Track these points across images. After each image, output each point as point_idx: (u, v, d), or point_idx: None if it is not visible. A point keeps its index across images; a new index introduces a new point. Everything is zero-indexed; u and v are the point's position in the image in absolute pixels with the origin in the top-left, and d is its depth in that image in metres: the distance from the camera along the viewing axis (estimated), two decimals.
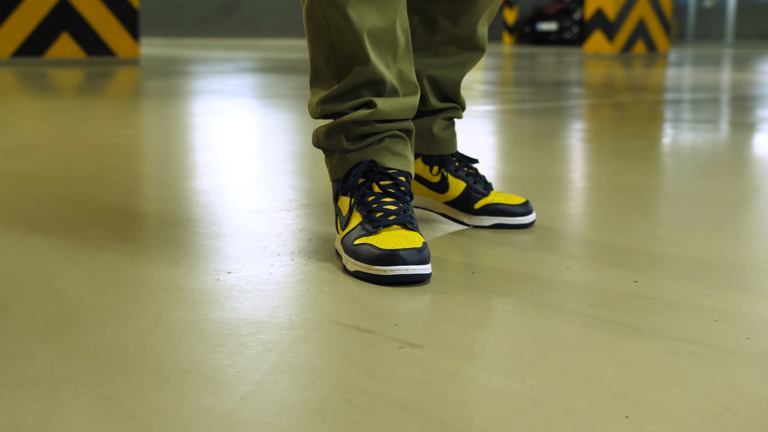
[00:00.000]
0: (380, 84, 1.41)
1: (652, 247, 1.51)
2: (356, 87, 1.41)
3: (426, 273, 1.28)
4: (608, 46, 11.64)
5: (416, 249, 1.28)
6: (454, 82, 1.64)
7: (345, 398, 0.88)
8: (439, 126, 1.66)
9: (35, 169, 2.22)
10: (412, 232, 1.34)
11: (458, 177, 1.66)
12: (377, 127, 1.42)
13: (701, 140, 3.03)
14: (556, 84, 6.11)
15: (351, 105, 1.41)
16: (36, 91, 4.85)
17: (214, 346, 1.01)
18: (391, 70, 1.43)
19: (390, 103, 1.41)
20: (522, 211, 1.64)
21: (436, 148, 1.66)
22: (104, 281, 1.26)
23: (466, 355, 1.00)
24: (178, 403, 0.86)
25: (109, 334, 1.05)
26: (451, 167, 1.66)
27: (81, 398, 0.86)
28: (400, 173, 1.43)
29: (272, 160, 2.52)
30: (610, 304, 1.19)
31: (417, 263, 1.27)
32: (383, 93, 1.41)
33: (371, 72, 1.39)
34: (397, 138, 1.44)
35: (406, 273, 1.27)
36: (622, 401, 0.87)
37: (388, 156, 1.43)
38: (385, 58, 1.41)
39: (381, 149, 1.43)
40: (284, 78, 6.28)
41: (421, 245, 1.30)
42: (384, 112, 1.40)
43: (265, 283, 1.27)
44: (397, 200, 1.39)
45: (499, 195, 1.66)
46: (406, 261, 1.27)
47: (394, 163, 1.43)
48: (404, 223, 1.36)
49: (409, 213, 1.38)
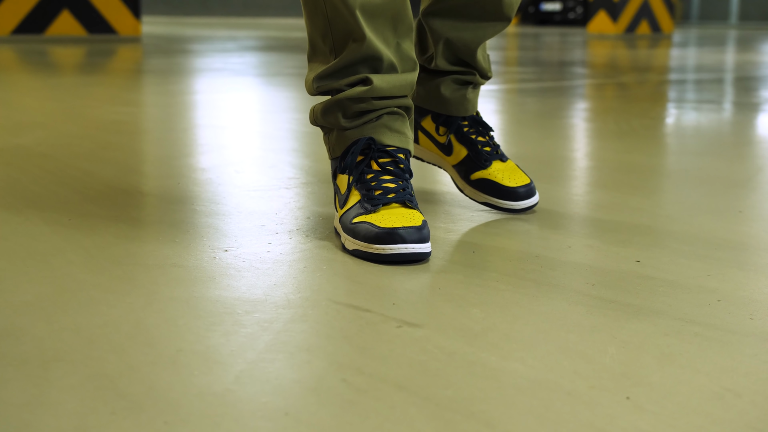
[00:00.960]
0: (377, 60, 1.38)
1: (654, 226, 1.49)
2: (352, 63, 1.38)
3: (425, 252, 1.26)
4: (612, 27, 11.58)
5: (416, 227, 1.27)
6: (468, 46, 1.59)
7: (341, 378, 0.86)
8: (448, 87, 1.62)
9: (32, 146, 2.20)
10: (411, 210, 1.32)
11: (462, 142, 1.63)
12: (374, 104, 1.39)
13: (705, 120, 3.00)
14: (559, 64, 6.07)
15: (347, 82, 1.39)
16: (36, 68, 4.82)
17: (209, 324, 1.00)
18: (390, 45, 1.40)
19: (387, 79, 1.39)
20: (519, 193, 1.55)
21: (444, 108, 1.63)
22: (99, 258, 1.25)
23: (464, 334, 0.98)
24: (171, 382, 0.84)
25: (102, 311, 1.03)
26: (458, 131, 1.63)
27: (71, 377, 0.85)
28: (399, 150, 1.41)
29: (272, 138, 2.50)
30: (611, 284, 1.17)
31: (416, 242, 1.25)
32: (380, 69, 1.39)
33: (367, 48, 1.36)
34: (395, 115, 1.42)
35: (405, 252, 1.25)
36: (623, 382, 0.86)
37: (387, 133, 1.40)
38: (383, 33, 1.38)
39: (379, 126, 1.40)
40: (286, 56, 6.24)
41: (420, 223, 1.28)
42: (381, 89, 1.38)
43: (262, 261, 1.25)
44: (396, 178, 1.37)
45: (503, 170, 1.59)
46: (405, 239, 1.25)
47: (392, 140, 1.40)
48: (403, 201, 1.33)
49: (408, 191, 1.35)
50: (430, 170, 1.99)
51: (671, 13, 12.21)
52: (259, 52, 6.84)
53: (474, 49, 1.59)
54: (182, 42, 8.12)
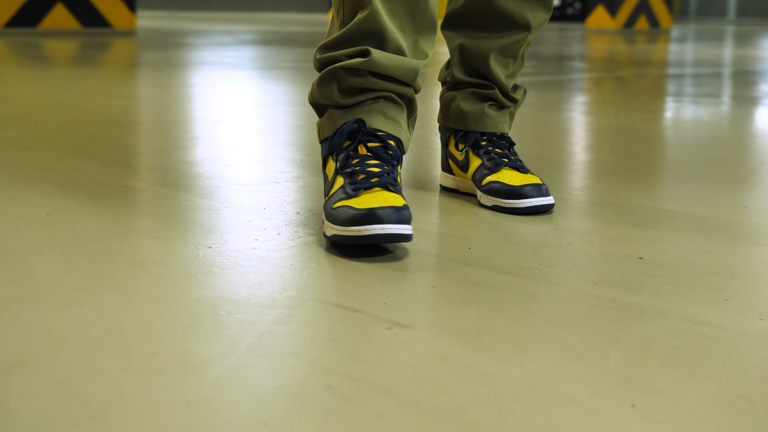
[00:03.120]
0: (382, 38, 1.32)
1: (657, 222, 1.43)
2: (357, 36, 1.33)
3: (405, 233, 1.19)
4: (611, 22, 11.52)
5: (394, 207, 1.19)
6: (481, 51, 1.56)
7: (326, 384, 0.80)
8: (466, 100, 1.59)
9: (17, 139, 2.14)
10: (393, 194, 1.25)
11: (477, 154, 1.57)
12: (372, 81, 1.34)
13: (705, 114, 2.94)
14: (558, 58, 6.01)
15: (347, 52, 1.34)
16: (28, 61, 4.76)
17: (188, 326, 0.94)
18: (407, 35, 1.35)
19: (389, 57, 1.33)
20: (524, 191, 1.45)
21: (462, 123, 1.59)
22: (75, 255, 1.19)
23: (459, 336, 0.93)
24: (142, 389, 0.78)
25: (74, 312, 0.97)
26: (475, 145, 1.58)
27: (34, 384, 0.79)
28: (390, 137, 1.35)
29: (266, 131, 2.44)
30: (614, 282, 1.11)
31: (395, 222, 1.18)
32: (385, 48, 1.33)
33: (372, 19, 1.31)
34: (393, 102, 1.37)
35: (383, 233, 1.17)
36: (627, 388, 0.80)
37: (380, 118, 1.35)
38: (398, 18, 1.34)
39: (373, 110, 1.35)
40: (283, 50, 6.18)
41: (401, 205, 1.21)
42: (379, 63, 1.32)
43: (247, 258, 1.19)
44: (382, 162, 1.31)
45: (515, 175, 1.49)
46: (383, 220, 1.17)
47: (385, 125, 1.35)
48: (386, 185, 1.27)
49: (393, 176, 1.29)
50: (425, 164, 1.93)
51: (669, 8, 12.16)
52: (255, 46, 6.77)
53: (487, 56, 1.56)
54: (178, 36, 8.05)
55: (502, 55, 1.58)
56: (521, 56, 1.61)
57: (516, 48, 1.58)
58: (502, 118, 1.60)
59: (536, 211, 1.46)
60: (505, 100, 1.60)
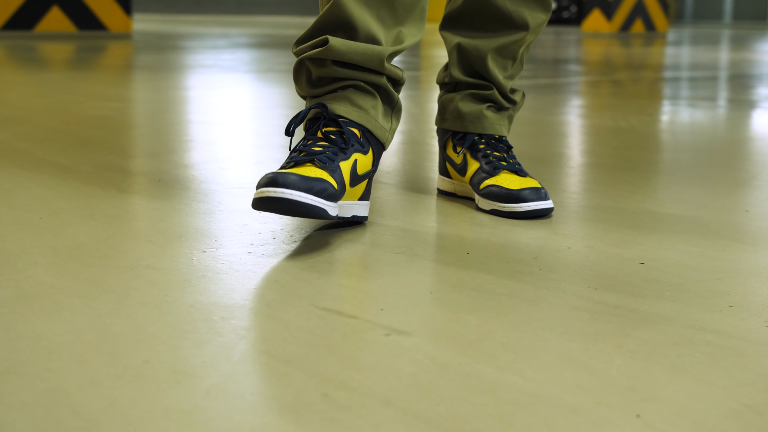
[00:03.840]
0: (351, 28, 1.34)
1: (658, 226, 1.42)
2: (324, 27, 1.35)
3: (305, 202, 1.18)
4: (607, 25, 11.52)
5: (300, 176, 1.19)
6: (479, 50, 1.55)
7: (322, 392, 0.78)
8: (464, 101, 1.58)
9: (9, 141, 2.12)
10: (318, 170, 1.25)
11: (475, 157, 1.55)
12: (336, 70, 1.35)
13: (703, 117, 2.93)
14: (554, 61, 5.99)
15: (310, 43, 1.36)
16: (23, 64, 4.73)
17: (181, 332, 0.92)
18: (387, 26, 1.37)
19: (348, 44, 1.33)
20: (523, 194, 1.43)
21: (460, 124, 1.57)
22: (67, 260, 1.17)
23: (458, 343, 0.91)
24: (134, 397, 0.76)
25: (65, 318, 0.95)
26: (473, 147, 1.56)
27: (23, 392, 0.77)
28: (352, 123, 1.35)
29: (261, 134, 2.42)
30: (615, 288, 1.09)
31: (289, 188, 1.17)
32: (355, 37, 1.34)
33: (337, 9, 1.32)
34: (362, 91, 1.38)
35: (277, 196, 1.17)
36: (631, 397, 0.78)
37: (345, 105, 1.36)
38: (376, 9, 1.35)
39: (339, 97, 1.36)
40: (278, 53, 6.16)
41: (312, 176, 1.21)
42: (338, 51, 1.33)
43: (242, 263, 1.17)
44: (330, 145, 1.31)
45: (514, 179, 1.48)
46: (286, 184, 1.17)
47: (347, 112, 1.35)
48: (313, 160, 1.27)
49: (326, 155, 1.28)
50: (422, 167, 1.91)
51: (666, 11, 12.16)
52: (251, 49, 6.75)
53: (484, 56, 1.55)
54: (174, 39, 8.02)
55: (500, 55, 1.56)
56: (520, 58, 1.59)
57: (514, 49, 1.56)
58: (501, 121, 1.58)
59: (535, 215, 1.44)
60: (503, 102, 1.58)
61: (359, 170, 1.34)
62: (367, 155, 1.37)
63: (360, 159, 1.34)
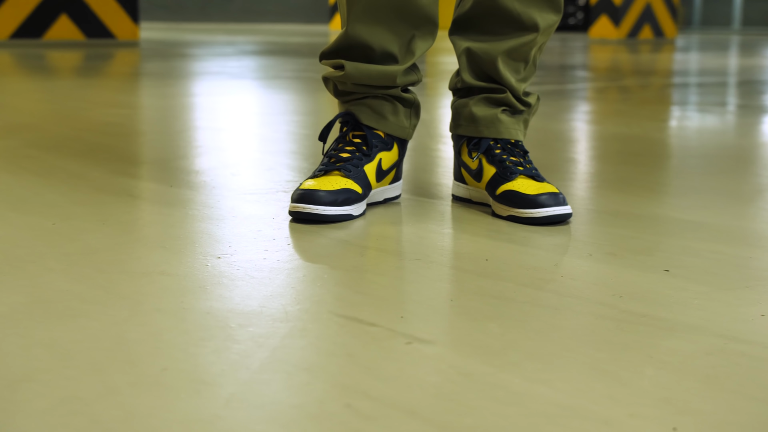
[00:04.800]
0: (367, 48, 1.47)
1: (681, 233, 1.39)
2: (341, 49, 1.50)
3: (330, 213, 1.38)
4: (614, 32, 11.49)
5: (325, 191, 1.39)
6: (488, 54, 1.53)
7: (345, 402, 0.76)
8: (478, 106, 1.56)
9: (20, 148, 2.10)
10: (344, 179, 1.43)
11: (492, 162, 1.52)
12: (355, 87, 1.51)
13: (717, 123, 2.90)
14: (561, 68, 5.97)
15: (331, 62, 1.52)
16: (32, 71, 4.72)
17: (198, 339, 0.90)
18: (399, 34, 1.48)
19: (361, 69, 1.48)
20: (540, 200, 1.40)
21: (475, 129, 1.55)
22: (81, 265, 1.15)
23: (482, 352, 0.88)
24: (152, 406, 0.74)
25: (81, 324, 0.93)
26: (489, 152, 1.53)
27: (40, 400, 0.75)
28: (373, 129, 1.52)
29: (270, 140, 2.40)
30: (640, 296, 1.07)
31: (314, 203, 1.38)
32: (372, 56, 1.48)
33: (350, 36, 1.47)
34: (380, 99, 1.53)
35: (306, 211, 1.38)
36: (666, 409, 0.76)
37: (367, 113, 1.53)
38: (386, 23, 1.46)
39: (362, 105, 1.53)
40: (285, 60, 6.15)
41: (336, 188, 1.40)
42: (353, 76, 1.49)
43: (258, 269, 1.15)
44: (355, 150, 1.50)
45: (531, 184, 1.45)
46: (313, 200, 1.38)
47: (369, 120, 1.52)
48: (340, 169, 1.45)
49: (351, 162, 1.46)
50: (432, 172, 1.89)
51: (674, 17, 12.13)
52: (257, 56, 6.74)
53: (495, 59, 1.53)
54: (180, 46, 8.02)
55: (511, 58, 1.54)
56: (532, 60, 1.57)
57: (526, 51, 1.54)
58: (516, 125, 1.56)
59: (553, 221, 1.42)
60: (518, 104, 1.56)
61: (384, 166, 1.53)
62: (391, 151, 1.55)
63: (384, 156, 1.53)
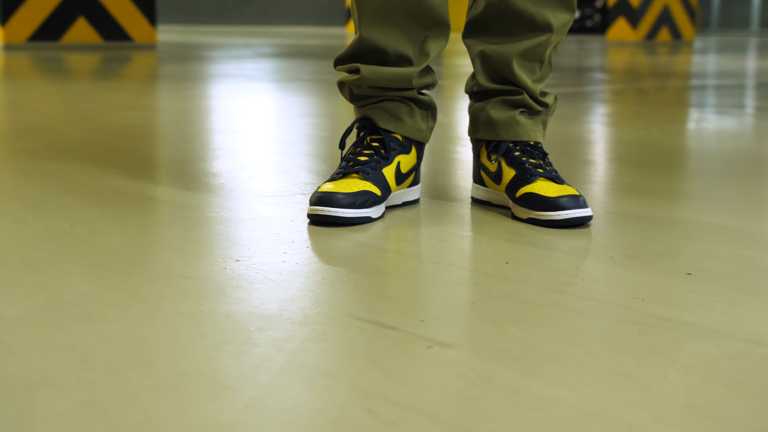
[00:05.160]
0: (381, 51, 1.48)
1: (702, 236, 1.38)
2: (355, 53, 1.50)
3: (349, 216, 1.38)
4: (632, 34, 11.45)
5: (344, 194, 1.38)
6: (502, 55, 1.52)
7: (366, 407, 0.75)
8: (495, 108, 1.55)
9: (39, 150, 2.11)
10: (362, 181, 1.43)
11: (511, 165, 1.51)
12: (371, 90, 1.51)
13: (738, 125, 2.88)
14: (578, 70, 5.95)
15: (346, 67, 1.52)
16: (50, 74, 4.74)
17: (218, 343, 0.89)
18: (412, 36, 1.48)
19: (375, 71, 1.48)
20: (560, 202, 1.39)
21: (493, 133, 1.54)
22: (100, 268, 1.14)
23: (504, 356, 0.87)
24: (172, 411, 0.74)
25: (100, 328, 0.93)
26: (508, 154, 1.52)
27: (59, 404, 0.74)
28: (390, 132, 1.52)
29: (288, 142, 2.40)
30: (663, 300, 1.05)
31: (333, 206, 1.37)
32: (386, 59, 1.48)
33: (363, 41, 1.48)
34: (396, 102, 1.52)
35: (324, 213, 1.37)
36: (691, 414, 0.75)
37: (384, 116, 1.52)
38: (399, 27, 1.46)
39: (377, 108, 1.52)
40: (302, 63, 6.15)
41: (355, 191, 1.40)
42: (369, 79, 1.49)
43: (276, 272, 1.15)
44: (373, 153, 1.50)
45: (551, 186, 1.44)
46: (323, 201, 1.37)
47: (386, 123, 1.52)
48: (358, 172, 1.45)
49: (369, 165, 1.46)
50: (449, 174, 1.88)
51: (692, 19, 12.07)
52: (274, 58, 6.75)
53: (509, 61, 1.52)
54: (197, 49, 8.04)
55: (525, 59, 1.52)
56: (548, 60, 1.55)
57: (540, 51, 1.52)
58: (534, 126, 1.55)
59: (574, 223, 1.41)
60: (535, 105, 1.54)
61: (403, 169, 1.53)
62: (409, 154, 1.55)
63: (403, 159, 1.53)
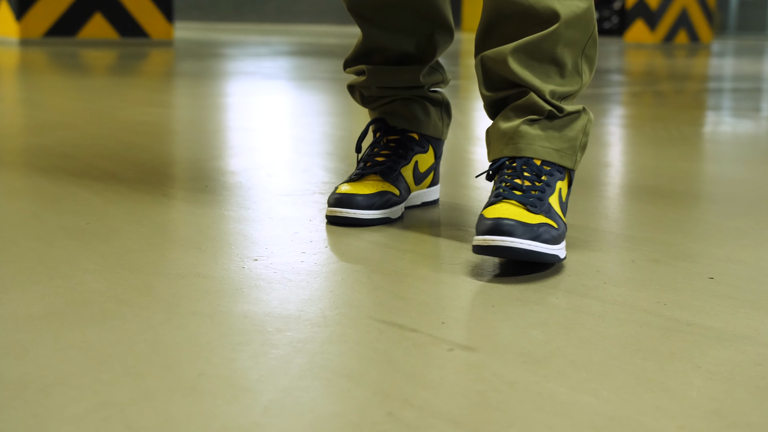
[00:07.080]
0: (384, 50, 1.46)
1: (724, 240, 1.36)
2: (360, 54, 1.49)
3: (368, 218, 1.36)
4: (650, 36, 11.40)
5: (363, 195, 1.37)
6: (502, 57, 1.24)
7: (387, 411, 0.74)
8: (502, 119, 1.29)
9: (55, 146, 2.10)
10: (381, 182, 1.41)
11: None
12: (380, 90, 1.49)
13: (760, 128, 2.85)
14: (596, 71, 5.92)
15: (354, 69, 1.51)
16: (66, 70, 4.75)
17: (236, 344, 0.88)
18: (416, 33, 1.45)
19: (383, 71, 1.47)
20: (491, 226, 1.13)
21: (495, 149, 1.37)
22: (116, 266, 1.14)
23: (526, 360, 0.86)
24: (189, 413, 0.73)
25: (116, 327, 0.92)
26: (501, 176, 1.42)
27: (75, 404, 0.73)
28: (406, 131, 1.49)
29: (306, 141, 2.39)
30: (685, 304, 1.04)
31: (352, 207, 1.36)
32: (388, 57, 1.47)
33: (367, 41, 1.47)
34: (407, 100, 1.49)
35: (343, 215, 1.36)
36: (716, 421, 0.73)
37: (397, 115, 1.50)
38: (404, 23, 1.44)
39: (390, 108, 1.50)
40: (320, 61, 6.14)
41: (374, 191, 1.38)
42: (376, 78, 1.48)
43: (295, 272, 1.14)
44: (391, 153, 1.46)
45: (504, 207, 1.17)
46: (351, 204, 1.36)
47: (401, 122, 1.49)
48: (376, 172, 1.43)
49: (387, 165, 1.44)
50: (463, 173, 1.87)
51: (710, 22, 12.00)
52: (292, 56, 6.74)
53: (505, 57, 1.26)
54: (214, 46, 8.05)
55: (529, 56, 1.26)
56: (567, 61, 1.27)
57: (547, 47, 1.25)
58: (545, 141, 1.26)
59: (506, 255, 1.13)
60: (545, 105, 1.26)
61: (421, 168, 1.51)
62: (427, 153, 1.52)
63: (421, 159, 1.50)
